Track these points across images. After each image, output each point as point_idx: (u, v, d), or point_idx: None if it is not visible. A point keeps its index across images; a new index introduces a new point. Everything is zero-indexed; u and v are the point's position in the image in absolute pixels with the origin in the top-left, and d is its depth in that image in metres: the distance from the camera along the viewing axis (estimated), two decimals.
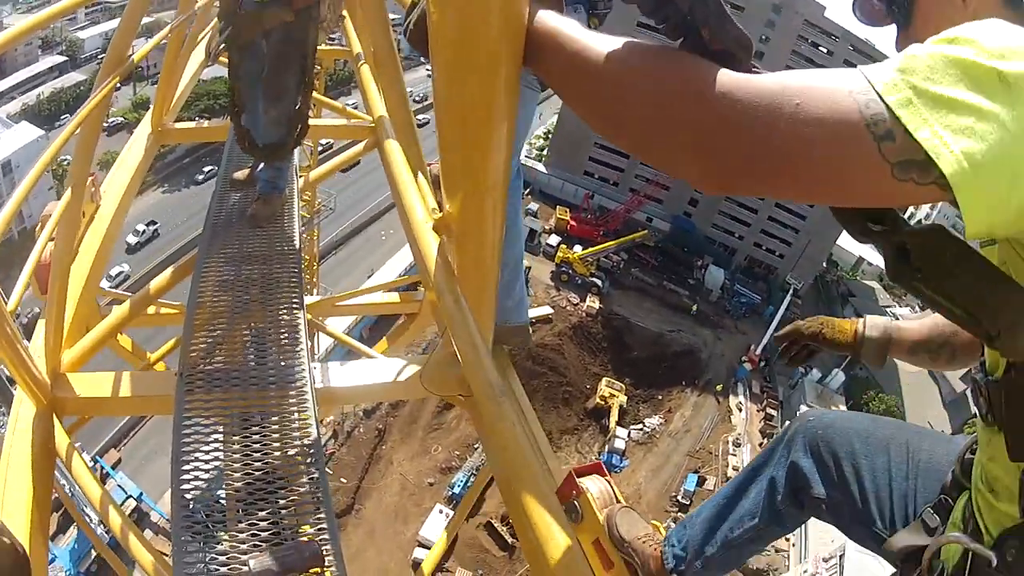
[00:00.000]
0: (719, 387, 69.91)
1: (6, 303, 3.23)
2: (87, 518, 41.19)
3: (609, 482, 3.44)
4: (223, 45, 5.26)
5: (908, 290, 1.62)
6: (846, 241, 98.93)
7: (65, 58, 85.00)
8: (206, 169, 67.74)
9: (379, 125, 6.17)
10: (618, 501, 3.40)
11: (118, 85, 4.34)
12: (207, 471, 3.30)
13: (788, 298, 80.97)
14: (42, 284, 4.30)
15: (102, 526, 41.07)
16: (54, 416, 3.87)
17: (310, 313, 5.45)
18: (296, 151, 6.52)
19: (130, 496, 43.79)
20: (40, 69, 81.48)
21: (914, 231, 1.53)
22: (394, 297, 8.34)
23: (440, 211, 3.83)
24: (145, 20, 5.43)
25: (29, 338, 4.06)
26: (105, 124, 4.79)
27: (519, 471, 2.51)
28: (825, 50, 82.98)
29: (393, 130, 5.76)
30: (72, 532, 41.35)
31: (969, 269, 1.50)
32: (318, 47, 5.68)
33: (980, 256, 1.49)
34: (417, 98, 78.42)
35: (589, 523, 3.19)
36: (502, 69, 2.35)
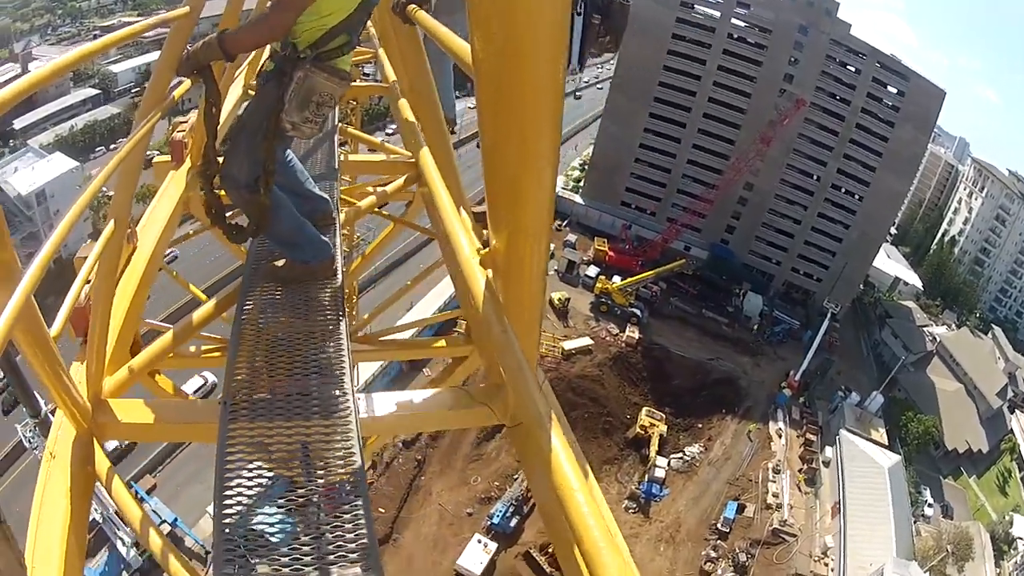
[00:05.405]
0: (752, 426, 69.50)
1: (49, 328, 3.28)
2: (121, 540, 41.64)
3: None
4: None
5: None
6: (882, 261, 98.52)
7: (98, 91, 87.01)
8: None
9: (421, 159, 6.16)
10: None
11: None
12: (250, 499, 3.29)
13: (826, 322, 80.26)
14: (78, 328, 4.34)
15: (135, 548, 41.33)
16: (94, 440, 3.91)
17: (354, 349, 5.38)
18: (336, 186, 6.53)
19: (164, 521, 44.35)
20: (72, 101, 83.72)
21: None
22: (439, 341, 8.08)
23: (485, 246, 3.90)
24: None
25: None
26: None
27: (568, 498, 2.53)
28: (853, 68, 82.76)
29: (435, 164, 5.74)
30: (102, 555, 41.82)
31: None
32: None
33: None
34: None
35: None
36: (545, 106, 2.43)
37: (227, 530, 3.13)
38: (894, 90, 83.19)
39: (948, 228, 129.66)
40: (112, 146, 79.76)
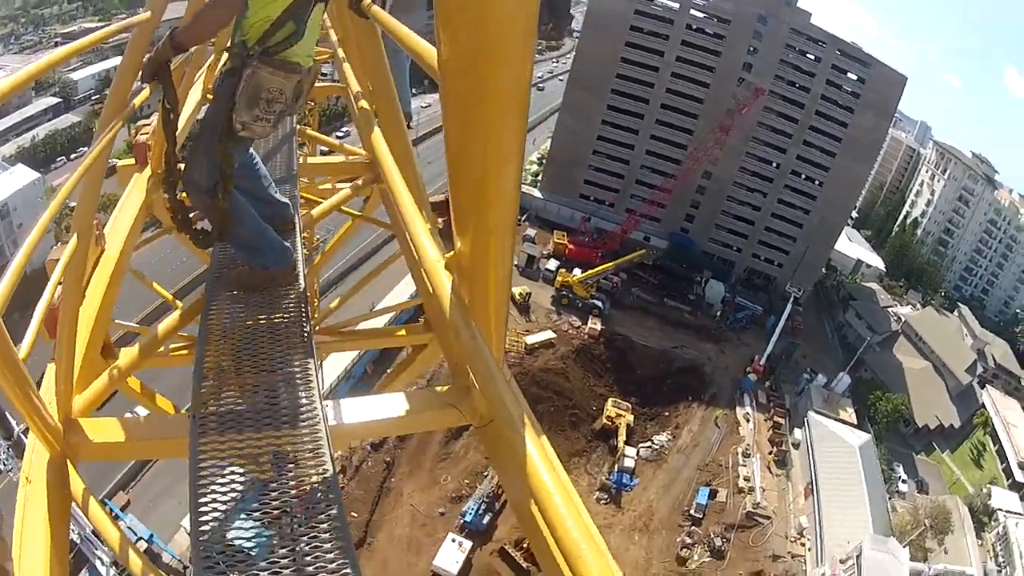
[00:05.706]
0: (719, 412, 70.17)
1: (18, 349, 3.22)
2: (100, 560, 41.25)
3: None
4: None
5: None
6: (844, 245, 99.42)
7: (59, 100, 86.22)
8: None
9: (380, 160, 6.08)
10: None
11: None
12: (224, 513, 3.27)
13: (789, 306, 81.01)
14: (51, 329, 4.28)
15: (114, 568, 40.95)
16: (68, 462, 3.84)
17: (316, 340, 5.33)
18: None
19: (141, 538, 43.83)
20: (34, 111, 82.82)
21: None
22: (400, 331, 8.03)
23: (441, 236, 3.88)
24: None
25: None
26: None
27: (543, 495, 2.51)
28: (813, 56, 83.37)
29: (395, 164, 5.66)
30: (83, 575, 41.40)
31: None
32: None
33: None
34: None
35: None
36: (513, 105, 2.40)
37: (203, 547, 3.11)
38: (854, 77, 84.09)
39: (910, 210, 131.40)
40: (73, 156, 79.59)
